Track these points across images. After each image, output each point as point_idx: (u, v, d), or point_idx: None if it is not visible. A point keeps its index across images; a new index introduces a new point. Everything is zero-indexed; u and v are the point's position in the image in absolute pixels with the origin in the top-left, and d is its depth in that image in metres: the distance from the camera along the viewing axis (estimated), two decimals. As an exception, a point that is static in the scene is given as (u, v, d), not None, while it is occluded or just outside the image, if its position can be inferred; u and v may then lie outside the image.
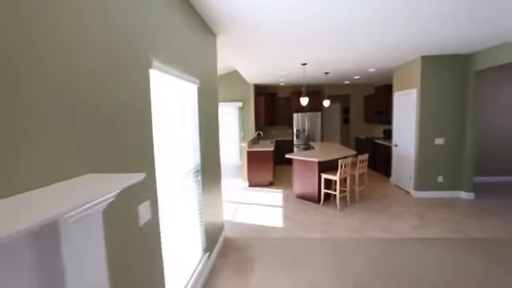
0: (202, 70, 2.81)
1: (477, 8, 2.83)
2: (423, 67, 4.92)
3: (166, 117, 1.98)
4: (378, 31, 3.48)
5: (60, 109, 0.98)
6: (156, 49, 1.75)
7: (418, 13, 2.93)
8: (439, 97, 4.96)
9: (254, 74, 6.61)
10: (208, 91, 3.03)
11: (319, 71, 6.39)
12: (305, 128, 8.77)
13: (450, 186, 5.12)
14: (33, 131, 0.87)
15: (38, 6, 0.89)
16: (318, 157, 4.89)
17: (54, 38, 0.95)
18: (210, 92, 3.09)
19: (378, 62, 5.41)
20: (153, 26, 1.71)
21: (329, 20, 3.01)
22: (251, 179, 6.29)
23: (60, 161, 0.98)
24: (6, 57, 0.79)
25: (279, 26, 3.15)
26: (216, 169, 3.36)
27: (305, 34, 3.46)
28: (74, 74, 1.05)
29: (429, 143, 5.05)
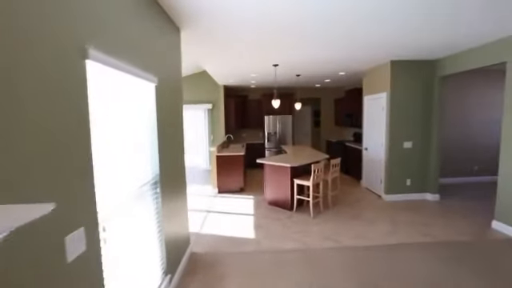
0: (162, 68, 2.47)
1: (437, 17, 2.94)
2: (393, 71, 4.97)
3: (113, 120, 1.62)
4: (350, 33, 3.39)
5: None
6: (97, 37, 1.40)
7: (386, 19, 2.88)
8: (408, 101, 5.04)
9: (224, 74, 6.31)
10: (170, 91, 2.68)
11: (291, 73, 6.26)
12: (276, 131, 8.62)
13: (417, 189, 5.21)
14: None
15: None
16: (291, 162, 4.71)
17: None
18: (172, 92, 2.75)
19: (349, 65, 5.39)
20: (93, 11, 1.36)
21: (296, 17, 2.82)
22: (221, 185, 5.95)
23: None
24: None
25: (247, 21, 2.90)
26: (180, 177, 3.01)
27: (273, 31, 3.25)
28: None
29: (398, 147, 5.10)
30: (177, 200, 2.85)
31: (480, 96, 6.23)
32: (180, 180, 3.01)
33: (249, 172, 8.07)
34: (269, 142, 8.63)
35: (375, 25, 3.12)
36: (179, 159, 2.99)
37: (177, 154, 2.88)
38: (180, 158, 3.02)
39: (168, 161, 2.57)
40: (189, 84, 8.48)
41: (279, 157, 5.40)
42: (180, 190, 2.99)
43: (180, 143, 3.03)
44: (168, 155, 2.57)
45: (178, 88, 3.01)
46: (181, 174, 3.04)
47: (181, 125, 3.09)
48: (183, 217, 3.10)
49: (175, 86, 2.88)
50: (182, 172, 3.08)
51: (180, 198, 2.98)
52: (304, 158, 5.11)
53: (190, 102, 8.55)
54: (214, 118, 8.60)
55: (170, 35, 2.72)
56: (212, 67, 5.51)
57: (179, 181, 2.98)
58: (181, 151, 3.06)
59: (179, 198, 2.94)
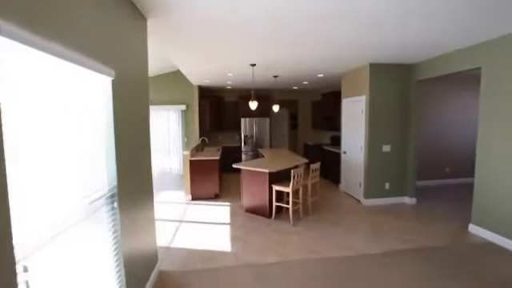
0: (123, 60, 2.09)
1: (412, 22, 2.94)
2: (371, 74, 4.90)
3: (47, 120, 1.24)
4: (323, 32, 3.23)
5: None
6: (17, 11, 1.03)
7: (359, 19, 2.77)
8: (386, 104, 5.00)
9: (198, 74, 5.94)
10: (133, 87, 2.31)
11: (268, 74, 6.03)
12: (253, 134, 8.36)
13: (395, 193, 5.18)
14: None
15: None
16: (269, 167, 4.45)
17: None
18: (136, 89, 2.37)
19: (326, 66, 5.27)
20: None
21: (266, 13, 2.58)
22: (195, 191, 5.56)
23: None
24: None
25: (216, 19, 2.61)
26: (145, 186, 2.63)
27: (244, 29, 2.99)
28: None
29: (377, 150, 5.04)
30: (141, 212, 2.46)
31: (450, 98, 6.41)
32: (145, 189, 2.63)
33: (225, 177, 7.72)
34: (245, 145, 8.34)
35: (347, 25, 3.03)
36: (144, 166, 2.61)
37: (141, 161, 2.50)
38: (145, 165, 2.64)
39: (129, 169, 2.19)
40: (161, 83, 7.99)
41: (256, 161, 5.13)
42: (145, 201, 2.61)
43: (146, 148, 2.65)
44: (129, 162, 2.19)
45: (144, 85, 2.63)
46: (146, 183, 2.66)
47: (147, 127, 2.72)
48: (149, 231, 2.71)
49: (140, 83, 2.51)
50: (147, 181, 2.70)
51: (145, 210, 2.59)
52: (282, 162, 4.88)
53: (162, 102, 8.04)
54: (188, 119, 8.16)
55: (133, 23, 2.35)
56: (185, 66, 5.13)
57: (144, 191, 2.60)
58: (146, 157, 2.68)
59: (144, 210, 2.56)
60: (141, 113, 2.51)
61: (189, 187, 5.54)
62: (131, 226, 2.20)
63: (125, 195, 2.08)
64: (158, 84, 8.00)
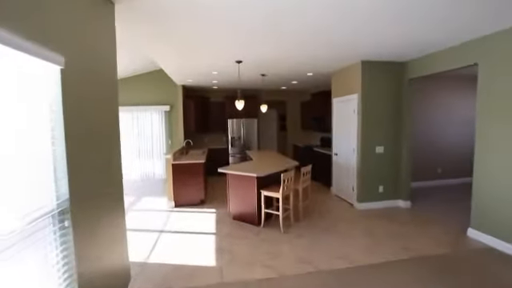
0: (78, 47, 1.74)
1: (407, 16, 2.74)
2: (364, 72, 4.69)
3: None
4: (311, 27, 2.98)
5: None
6: None
7: (360, 14, 2.51)
8: (379, 103, 4.79)
9: (182, 72, 5.58)
10: (94, 81, 1.95)
11: (256, 73, 5.74)
12: (241, 135, 8.04)
13: (389, 196, 4.98)
14: None
15: None
16: (257, 170, 4.14)
17: None
18: (98, 82, 2.02)
19: (316, 64, 5.02)
20: None
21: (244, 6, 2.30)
22: (178, 198, 5.18)
23: None
24: None
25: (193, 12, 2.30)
26: (114, 195, 2.26)
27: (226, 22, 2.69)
28: None
29: (370, 152, 4.82)
30: (108, 226, 2.10)
31: (442, 97, 6.30)
32: (114, 198, 2.27)
33: (211, 180, 7.36)
34: (233, 147, 8.01)
35: (343, 20, 2.82)
36: (113, 172, 2.24)
37: (108, 167, 2.14)
38: (114, 171, 2.28)
39: (90, 177, 1.83)
40: (143, 83, 7.57)
41: (244, 164, 4.81)
42: (113, 212, 2.24)
43: (114, 151, 2.29)
44: (90, 170, 1.83)
45: (111, 79, 2.28)
46: (115, 191, 2.30)
47: (115, 127, 2.36)
48: (119, 246, 2.35)
49: (106, 77, 2.15)
50: (117, 188, 2.34)
51: (113, 223, 2.23)
52: (271, 165, 4.58)
53: (144, 102, 7.62)
54: (172, 120, 7.76)
55: (95, 6, 1.99)
56: (166, 62, 4.76)
57: (113, 200, 2.23)
58: (115, 162, 2.32)
59: (112, 223, 2.19)
60: (107, 110, 2.15)
61: (172, 193, 5.16)
62: (92, 245, 1.84)
63: (82, 209, 1.72)
64: (139, 84, 7.58)
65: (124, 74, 7.15)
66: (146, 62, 6.40)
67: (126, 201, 5.99)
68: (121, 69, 6.73)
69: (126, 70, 6.94)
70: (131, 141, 7.69)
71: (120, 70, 6.81)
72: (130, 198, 5.86)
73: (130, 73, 7.22)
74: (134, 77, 7.49)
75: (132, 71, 7.13)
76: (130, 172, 7.74)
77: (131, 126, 7.67)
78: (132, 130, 7.68)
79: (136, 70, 7.08)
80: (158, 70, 7.39)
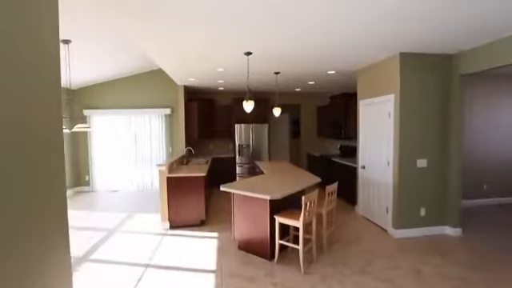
0: None
1: None
2: (403, 67, 3.78)
3: None
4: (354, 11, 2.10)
5: None
6: None
7: None
8: (421, 106, 3.86)
9: (182, 69, 4.77)
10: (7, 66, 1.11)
11: (268, 70, 4.89)
12: (249, 143, 7.18)
13: (433, 220, 4.00)
14: None
15: None
16: (270, 191, 3.26)
17: None
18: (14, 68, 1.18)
19: (344, 58, 4.15)
20: None
21: None
22: (174, 217, 4.32)
23: None
24: None
25: None
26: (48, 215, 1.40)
27: None
28: None
29: (410, 166, 3.87)
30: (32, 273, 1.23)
31: (490, 98, 5.30)
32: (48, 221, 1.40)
33: (215, 194, 6.49)
34: (240, 155, 7.15)
35: None
36: (45, 184, 1.38)
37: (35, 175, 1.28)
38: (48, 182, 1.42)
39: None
40: (140, 84, 6.83)
41: (253, 180, 3.93)
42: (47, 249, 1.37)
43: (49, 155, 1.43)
44: None
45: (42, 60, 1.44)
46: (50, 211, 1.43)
47: (54, 124, 1.51)
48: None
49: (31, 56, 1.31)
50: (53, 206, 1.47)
51: (45, 261, 1.36)
52: (288, 182, 3.69)
53: (142, 105, 6.86)
54: (173, 125, 6.97)
55: None
56: (164, 59, 3.96)
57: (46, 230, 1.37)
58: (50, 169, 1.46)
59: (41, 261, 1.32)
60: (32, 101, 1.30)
61: (166, 212, 4.31)
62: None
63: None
64: (136, 84, 6.84)
65: (119, 74, 6.43)
66: (144, 61, 5.65)
67: (116, 218, 4.98)
68: (115, 69, 6.00)
69: (121, 70, 6.21)
70: (127, 147, 6.92)
71: (114, 70, 6.07)
72: (121, 214, 5.05)
73: (126, 73, 6.49)
74: (130, 77, 6.76)
75: (128, 71, 6.39)
76: (126, 182, 6.95)
77: (127, 130, 6.91)
78: (128, 135, 6.92)
79: (132, 69, 6.34)
80: (157, 69, 6.64)
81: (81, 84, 6.52)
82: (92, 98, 6.75)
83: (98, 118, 6.82)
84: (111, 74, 6.38)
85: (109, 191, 6.86)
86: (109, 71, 6.09)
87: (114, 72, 6.24)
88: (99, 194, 6.65)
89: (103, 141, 6.86)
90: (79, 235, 4.05)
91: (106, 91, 6.76)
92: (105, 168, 6.89)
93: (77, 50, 4.20)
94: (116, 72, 6.29)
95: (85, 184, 6.87)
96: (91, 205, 5.74)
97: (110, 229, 4.31)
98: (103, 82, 6.73)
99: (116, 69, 6.04)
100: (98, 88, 6.74)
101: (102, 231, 4.21)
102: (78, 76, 5.79)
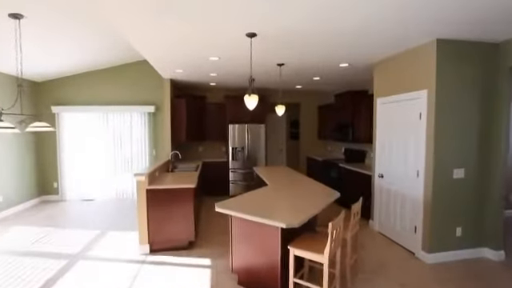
0: None
1: None
2: (440, 57, 3.10)
3: None
4: None
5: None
6: None
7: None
8: (460, 105, 3.20)
9: (168, 58, 3.95)
10: None
11: (271, 61, 4.14)
12: (245, 145, 6.40)
13: (470, 242, 3.34)
14: None
15: None
16: (283, 213, 2.50)
17: None
18: None
19: (362, 48, 3.46)
20: None
21: None
22: (155, 239, 3.50)
23: None
24: None
25: None
26: None
27: None
28: None
29: (446, 177, 3.20)
30: None
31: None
32: None
33: (206, 205, 5.68)
34: (234, 160, 6.35)
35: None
36: None
37: None
38: None
39: None
40: (120, 77, 5.94)
41: (256, 196, 3.16)
42: None
43: None
44: None
45: None
46: None
47: None
48: None
49: None
50: None
51: None
52: (301, 199, 2.95)
53: (122, 101, 5.98)
54: (158, 125, 6.12)
55: None
56: (147, 44, 3.13)
57: None
58: None
59: None
60: None
61: (146, 232, 3.47)
62: None
63: None
64: (115, 77, 5.95)
65: (94, 65, 5.52)
66: (124, 50, 4.79)
67: (85, 238, 3.83)
68: (89, 59, 5.09)
69: (98, 61, 5.31)
70: (104, 150, 6.01)
71: (88, 59, 5.15)
72: (92, 232, 4.16)
73: (103, 64, 5.58)
74: (108, 69, 5.86)
75: (105, 62, 5.49)
76: (103, 190, 6.03)
77: (105, 131, 6.00)
78: (106, 136, 6.00)
79: (111, 60, 5.45)
80: (140, 61, 5.78)
81: (48, 76, 5.56)
82: (62, 92, 5.80)
83: (69, 116, 5.88)
84: (85, 65, 5.46)
85: (82, 200, 5.92)
86: (82, 61, 5.17)
87: (88, 62, 5.33)
88: (70, 204, 5.71)
89: (75, 142, 5.92)
90: (32, 265, 3.16)
91: (79, 85, 5.83)
92: (77, 174, 5.95)
93: (36, 32, 3.32)
94: (91, 62, 5.38)
95: (53, 192, 5.91)
96: (57, 219, 4.80)
97: (73, 255, 3.42)
98: (76, 73, 5.80)
99: (90, 58, 5.13)
100: (70, 81, 5.81)
101: (62, 259, 3.32)
102: (41, 65, 4.86)
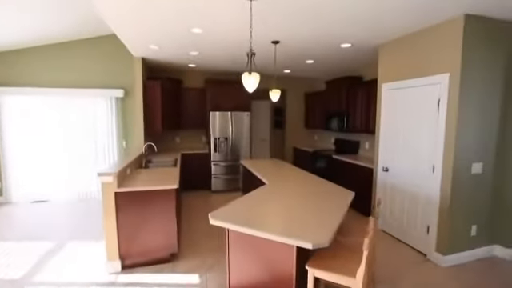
0: None
1: None
2: (468, 35, 2.70)
3: None
4: None
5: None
6: None
7: None
8: (484, 92, 2.86)
9: (141, 29, 3.18)
10: None
11: (265, 37, 3.54)
12: (228, 136, 5.78)
13: (483, 240, 3.11)
14: None
15: None
16: (303, 229, 1.99)
17: None
18: None
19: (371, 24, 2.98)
20: None
21: None
22: (128, 251, 2.84)
23: None
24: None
25: None
26: None
27: None
28: None
29: (464, 172, 2.88)
30: None
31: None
32: None
33: (185, 203, 5.04)
34: (216, 151, 5.73)
35: None
36: None
37: None
38: None
39: None
40: (81, 55, 4.98)
41: (258, 200, 2.61)
42: None
43: None
44: None
45: None
46: None
47: None
48: None
49: None
50: None
51: None
52: (314, 203, 2.45)
53: (83, 84, 5.05)
54: (127, 112, 5.28)
55: None
56: (112, 7, 2.38)
57: None
58: None
59: None
60: None
61: (115, 245, 2.80)
62: None
63: None
64: (74, 54, 4.99)
65: (46, 37, 4.50)
66: (83, 19, 3.88)
67: (33, 255, 2.79)
68: (39, 29, 4.08)
69: (50, 32, 4.31)
70: (61, 142, 5.07)
71: (38, 30, 4.14)
72: (44, 244, 3.36)
73: (58, 37, 4.59)
74: (64, 44, 4.87)
75: (61, 34, 4.51)
76: (60, 189, 5.12)
77: (62, 119, 5.04)
78: (63, 125, 5.05)
79: (68, 32, 4.48)
80: (105, 35, 4.87)
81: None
82: (2, 70, 4.73)
83: (13, 100, 4.83)
84: (34, 37, 4.44)
85: (33, 202, 4.98)
86: (29, 30, 4.16)
87: (37, 33, 4.32)
88: (16, 207, 4.75)
89: (23, 132, 4.91)
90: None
91: (26, 62, 4.78)
92: (26, 170, 4.98)
93: None
94: (41, 34, 4.38)
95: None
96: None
97: (15, 281, 2.65)
98: (21, 47, 4.74)
99: (40, 27, 4.14)
100: (13, 56, 4.74)
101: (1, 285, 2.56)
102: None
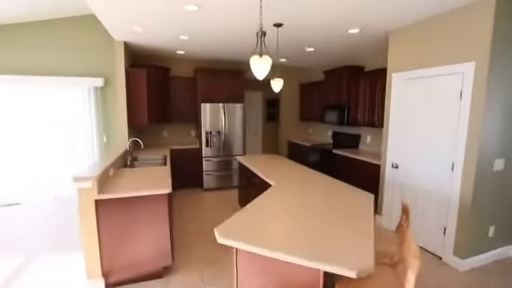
0: None
1: None
2: (500, 18, 2.42)
3: None
4: None
5: None
6: None
7: None
8: (509, 81, 2.62)
9: (123, 5, 2.70)
10: None
11: (266, 18, 3.14)
12: (220, 129, 5.38)
13: (500, 241, 2.93)
14: None
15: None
16: (337, 250, 1.67)
17: None
18: None
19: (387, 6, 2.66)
20: None
21: None
22: (112, 265, 2.44)
23: None
24: None
25: None
26: None
27: None
28: None
29: (486, 169, 2.66)
30: None
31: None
32: None
33: (175, 203, 4.65)
34: (208, 146, 5.32)
35: None
36: None
37: None
38: None
39: None
40: (54, 36, 4.39)
41: (265, 206, 2.27)
42: None
43: None
44: None
45: None
46: None
47: None
48: None
49: None
50: None
51: None
52: (336, 210, 2.14)
53: (58, 72, 4.47)
54: (108, 104, 4.76)
55: None
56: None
57: None
58: None
59: None
60: None
61: (95, 260, 2.39)
62: None
63: None
64: (47, 37, 4.39)
65: (11, 15, 3.88)
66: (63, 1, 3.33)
67: None
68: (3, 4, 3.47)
69: (18, 8, 3.70)
70: (34, 138, 4.50)
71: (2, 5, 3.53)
72: (12, 259, 2.89)
73: (28, 15, 3.98)
74: (36, 23, 4.26)
75: (32, 12, 3.90)
76: (33, 191, 4.58)
77: (34, 111, 4.46)
78: (36, 118, 4.48)
79: (41, 10, 3.88)
80: (83, 15, 4.30)
81: None
82: (-39, 54, 4.09)
83: (-26, 89, 4.21)
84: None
85: (3, 206, 4.43)
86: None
87: (0, 9, 3.71)
88: (-16, 209, 4.21)
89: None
90: None
91: (-13, 45, 4.15)
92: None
93: None
94: (5, 10, 3.76)
95: (-42, 194, 4.31)
96: (-39, 235, 3.39)
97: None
98: (-19, 28, 4.10)
99: (4, 1, 3.54)
100: (-28, 39, 4.10)
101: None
102: None
